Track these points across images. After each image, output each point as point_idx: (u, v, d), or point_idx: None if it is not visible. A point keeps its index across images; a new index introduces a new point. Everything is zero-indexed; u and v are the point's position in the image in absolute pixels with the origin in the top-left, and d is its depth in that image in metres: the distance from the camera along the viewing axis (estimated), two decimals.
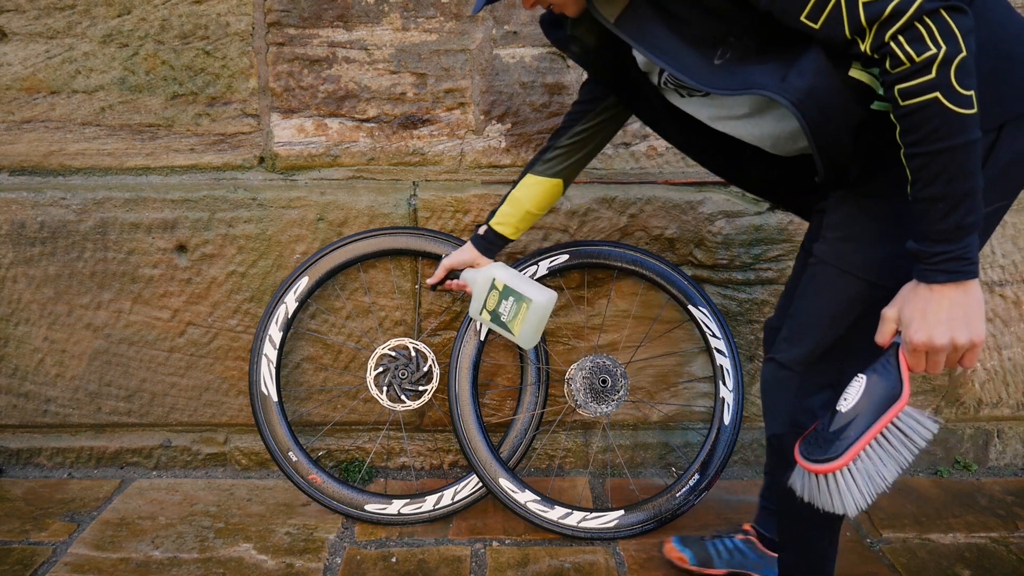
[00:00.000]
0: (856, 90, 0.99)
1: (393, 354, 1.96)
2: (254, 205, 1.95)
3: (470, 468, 1.86)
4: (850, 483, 0.99)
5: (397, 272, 2.00)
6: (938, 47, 0.84)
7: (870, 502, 0.99)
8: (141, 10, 1.92)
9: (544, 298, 1.60)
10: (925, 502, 1.97)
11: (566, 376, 1.92)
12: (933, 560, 1.72)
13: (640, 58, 1.29)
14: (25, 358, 2.04)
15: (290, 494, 1.99)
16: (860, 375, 1.02)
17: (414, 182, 2.03)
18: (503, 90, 2.01)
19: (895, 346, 1.00)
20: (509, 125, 2.04)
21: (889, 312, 0.99)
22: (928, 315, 0.94)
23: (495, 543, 1.79)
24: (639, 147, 2.00)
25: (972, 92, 0.86)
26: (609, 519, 1.82)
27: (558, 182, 1.58)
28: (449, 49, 1.98)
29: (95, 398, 2.07)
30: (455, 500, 1.88)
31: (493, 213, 1.66)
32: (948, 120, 0.87)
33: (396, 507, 1.86)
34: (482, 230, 1.67)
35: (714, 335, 1.93)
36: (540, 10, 1.43)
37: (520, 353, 1.98)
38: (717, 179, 1.98)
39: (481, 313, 1.68)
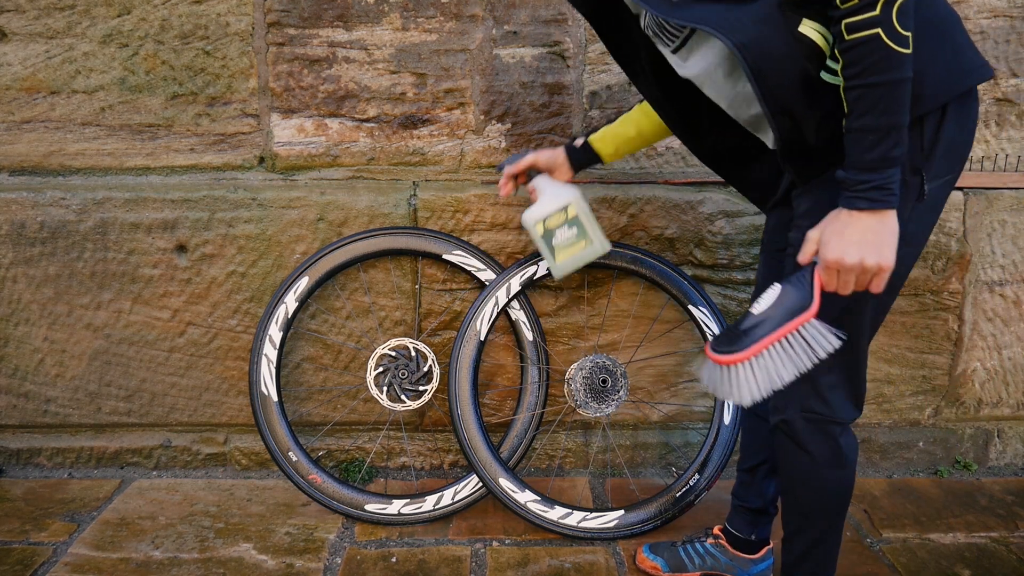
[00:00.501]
0: (805, 47, 1.05)
1: (393, 354, 1.96)
2: (254, 205, 1.95)
3: (470, 468, 1.86)
4: (748, 377, 1.08)
5: (397, 272, 2.00)
6: None
7: (763, 396, 1.09)
8: (141, 10, 1.92)
9: (604, 248, 1.68)
10: (925, 502, 1.97)
11: (566, 376, 1.92)
12: (933, 560, 1.72)
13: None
14: (25, 358, 2.04)
15: (290, 494, 1.99)
16: (776, 284, 1.12)
17: (414, 182, 2.03)
18: (503, 90, 2.01)
19: (813, 264, 1.09)
20: (509, 125, 2.04)
21: (813, 233, 1.07)
22: (844, 236, 1.02)
23: (495, 543, 1.79)
24: None
25: (909, 34, 0.95)
26: (609, 519, 1.82)
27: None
28: (449, 49, 1.98)
29: (95, 398, 2.07)
30: (455, 500, 1.88)
31: (594, 130, 1.61)
32: (886, 55, 0.95)
33: (396, 507, 1.86)
34: (578, 142, 1.62)
35: (714, 335, 1.93)
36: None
37: (520, 353, 1.98)
38: (717, 179, 1.98)
39: (536, 224, 1.66)
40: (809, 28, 1.04)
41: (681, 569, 1.65)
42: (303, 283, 1.90)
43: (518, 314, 1.95)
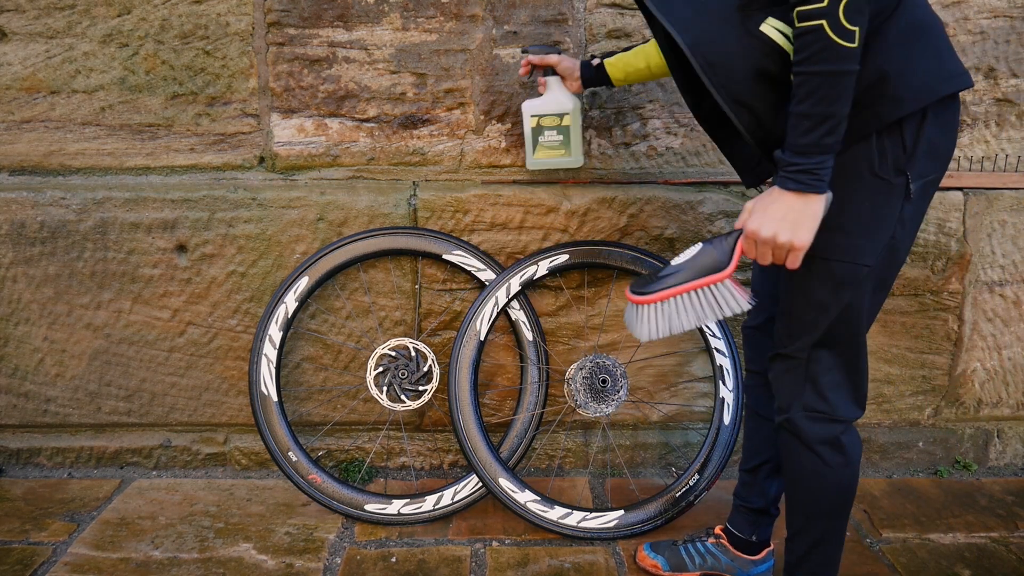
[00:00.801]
0: (763, 44, 1.09)
1: (393, 354, 1.96)
2: (254, 205, 1.95)
3: (470, 468, 1.86)
4: (651, 318, 1.20)
5: (397, 272, 2.00)
6: None
7: (660, 337, 1.20)
8: (141, 10, 1.92)
9: (578, 162, 1.85)
10: (925, 502, 1.97)
11: (566, 376, 1.92)
12: (933, 560, 1.72)
13: None
14: (25, 358, 2.04)
15: (290, 494, 1.99)
16: (701, 243, 1.20)
17: (414, 182, 2.03)
18: (503, 90, 2.01)
19: (740, 231, 1.16)
20: (509, 125, 2.04)
21: (748, 204, 1.14)
22: (767, 212, 1.08)
23: (495, 543, 1.79)
24: (639, 147, 2.00)
25: (857, 28, 0.98)
26: (609, 519, 1.82)
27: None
28: (449, 49, 1.98)
29: (95, 398, 2.07)
30: (455, 500, 1.88)
31: (610, 54, 1.66)
32: (828, 46, 0.99)
33: (396, 507, 1.86)
34: (595, 62, 1.67)
35: (714, 335, 1.93)
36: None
37: (520, 353, 1.98)
38: (717, 179, 1.98)
39: (532, 117, 1.82)
40: (770, 27, 1.09)
41: (681, 568, 1.65)
42: (303, 283, 1.90)
43: (518, 314, 1.95)
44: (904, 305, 2.03)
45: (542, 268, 1.90)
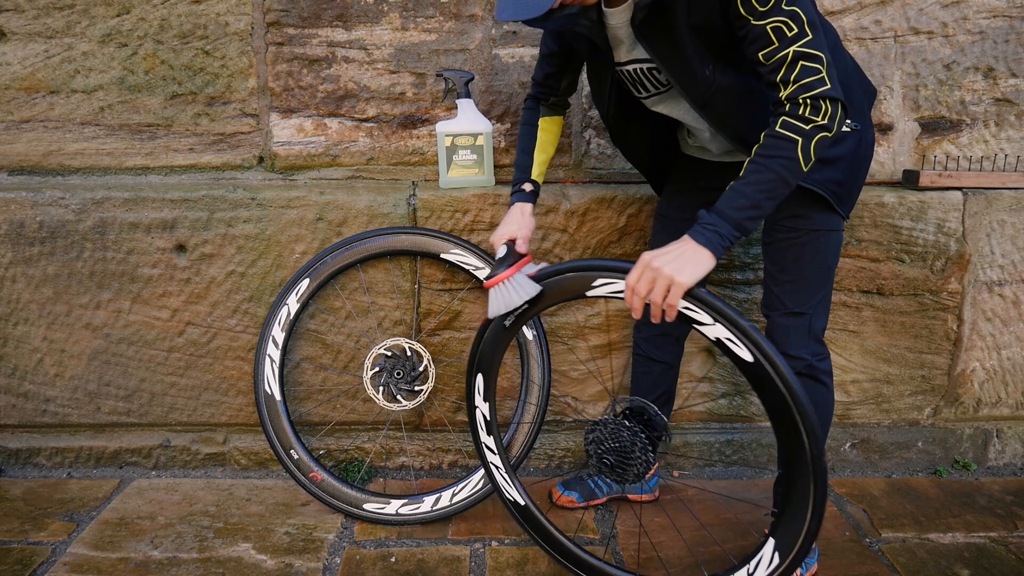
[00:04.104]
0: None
1: (389, 354, 1.96)
2: (253, 205, 1.95)
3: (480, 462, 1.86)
4: (494, 298, 1.49)
5: (396, 272, 2.00)
6: (824, 119, 1.17)
7: (502, 312, 1.49)
8: (140, 10, 1.92)
9: (489, 182, 1.99)
10: (924, 502, 1.97)
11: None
12: (932, 560, 1.72)
13: (624, 51, 1.44)
14: (24, 358, 2.04)
15: (289, 494, 1.99)
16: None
17: (413, 182, 2.03)
18: (502, 90, 2.01)
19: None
20: (508, 125, 2.04)
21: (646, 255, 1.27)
22: (666, 249, 1.23)
23: (494, 543, 1.79)
24: None
25: (813, 161, 1.18)
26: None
27: (561, 118, 1.74)
28: (448, 49, 1.98)
29: (94, 398, 2.07)
30: (453, 501, 1.88)
31: (526, 171, 1.68)
32: (793, 159, 1.17)
33: (395, 507, 1.86)
34: (527, 187, 1.67)
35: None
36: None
37: (521, 354, 1.98)
38: None
39: (446, 137, 1.92)
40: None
41: (593, 497, 1.92)
42: (304, 285, 1.90)
43: None
44: (903, 305, 2.03)
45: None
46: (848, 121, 1.38)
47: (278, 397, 1.90)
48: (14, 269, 1.98)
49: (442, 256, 1.92)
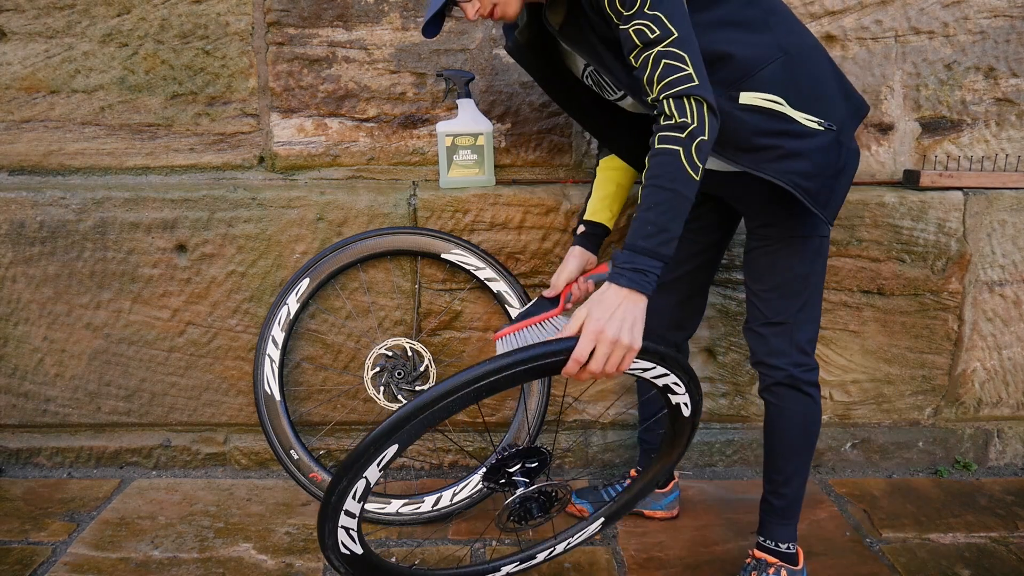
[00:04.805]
0: (751, 113, 1.31)
1: (389, 354, 1.96)
2: (254, 205, 1.95)
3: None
4: (502, 347, 1.51)
5: (397, 272, 2.00)
6: (693, 119, 1.15)
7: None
8: (140, 10, 1.92)
9: (490, 181, 2.00)
10: (925, 502, 1.97)
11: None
12: (933, 560, 1.72)
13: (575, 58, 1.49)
14: (24, 358, 2.04)
15: (290, 494, 1.99)
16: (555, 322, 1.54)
17: (414, 182, 2.03)
18: (503, 90, 2.01)
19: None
20: (509, 125, 2.04)
21: (580, 311, 1.18)
22: (610, 312, 1.14)
23: (494, 543, 1.79)
24: None
25: (701, 166, 1.15)
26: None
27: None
28: (449, 49, 1.98)
29: (94, 398, 2.07)
30: (454, 502, 1.88)
31: (580, 215, 1.65)
32: (681, 171, 1.15)
33: (395, 507, 1.86)
34: (580, 229, 1.63)
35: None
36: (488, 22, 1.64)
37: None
38: None
39: (447, 137, 1.93)
40: (750, 98, 1.30)
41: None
42: (304, 285, 1.90)
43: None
44: (904, 305, 2.03)
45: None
46: (818, 119, 1.34)
47: (278, 397, 1.90)
48: (14, 269, 1.98)
49: (443, 256, 1.92)
